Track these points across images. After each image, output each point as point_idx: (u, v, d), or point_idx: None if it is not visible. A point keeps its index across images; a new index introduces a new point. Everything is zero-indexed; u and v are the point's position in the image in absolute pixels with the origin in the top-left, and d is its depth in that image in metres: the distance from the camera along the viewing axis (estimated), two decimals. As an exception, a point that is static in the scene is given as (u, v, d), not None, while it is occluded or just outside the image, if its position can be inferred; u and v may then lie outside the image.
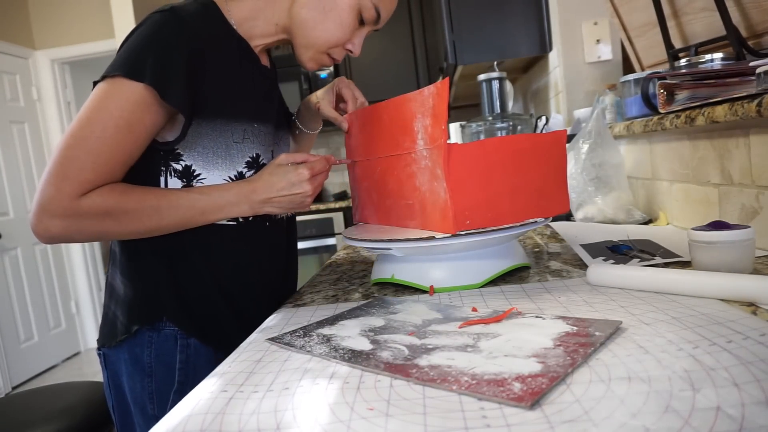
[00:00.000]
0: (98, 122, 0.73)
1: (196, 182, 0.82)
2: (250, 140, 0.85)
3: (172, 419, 0.44)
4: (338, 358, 0.52)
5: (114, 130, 0.73)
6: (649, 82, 1.14)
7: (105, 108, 0.73)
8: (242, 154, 0.84)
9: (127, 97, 0.74)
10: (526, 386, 0.41)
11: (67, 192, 0.71)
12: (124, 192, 0.76)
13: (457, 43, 2.02)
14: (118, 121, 0.73)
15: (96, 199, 0.73)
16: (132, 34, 0.78)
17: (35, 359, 3.56)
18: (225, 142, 0.82)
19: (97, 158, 0.73)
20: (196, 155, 0.81)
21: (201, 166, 0.81)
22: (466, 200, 0.69)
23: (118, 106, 0.74)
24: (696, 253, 0.67)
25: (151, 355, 0.83)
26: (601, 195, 1.22)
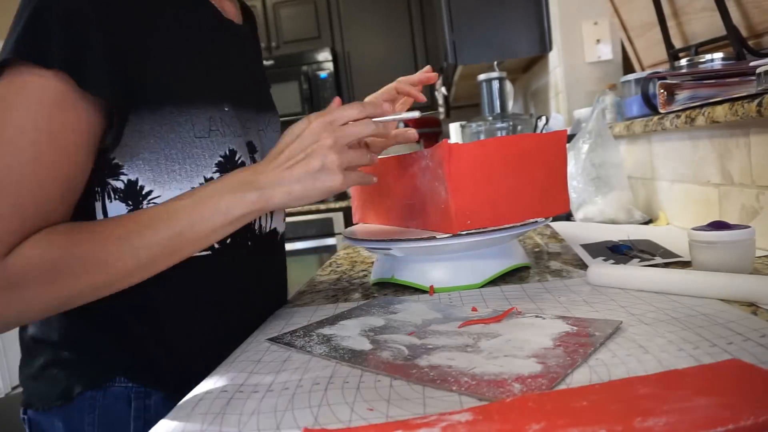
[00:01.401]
0: (6, 144, 0.49)
1: (147, 203, 0.57)
2: (220, 132, 0.62)
3: (172, 419, 0.44)
4: (338, 358, 0.52)
5: (31, 151, 0.50)
6: (649, 82, 1.14)
7: (9, 121, 0.49)
8: (209, 152, 0.60)
9: (37, 97, 0.50)
10: (526, 387, 0.41)
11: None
12: (70, 232, 0.52)
13: (457, 43, 2.01)
14: (35, 134, 0.50)
15: (30, 253, 0.49)
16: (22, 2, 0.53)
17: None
18: (181, 138, 0.58)
19: (18, 198, 0.49)
20: (141, 164, 0.57)
21: (150, 179, 0.57)
22: (466, 200, 0.69)
23: (26, 112, 0.50)
24: (696, 253, 0.67)
25: (95, 424, 0.61)
26: (601, 195, 1.22)
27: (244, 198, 0.55)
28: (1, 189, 0.49)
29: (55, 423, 0.63)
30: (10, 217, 0.49)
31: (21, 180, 0.50)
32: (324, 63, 3.54)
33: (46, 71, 0.50)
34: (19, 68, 0.50)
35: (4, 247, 0.49)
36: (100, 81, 0.52)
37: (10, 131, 0.49)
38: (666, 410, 0.33)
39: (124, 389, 0.62)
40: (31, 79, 0.50)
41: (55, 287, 0.50)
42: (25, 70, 0.50)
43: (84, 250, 0.51)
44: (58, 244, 0.51)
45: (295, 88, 3.54)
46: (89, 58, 0.51)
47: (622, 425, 0.32)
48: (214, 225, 0.55)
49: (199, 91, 0.61)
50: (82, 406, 0.62)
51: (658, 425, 0.31)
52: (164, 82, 0.58)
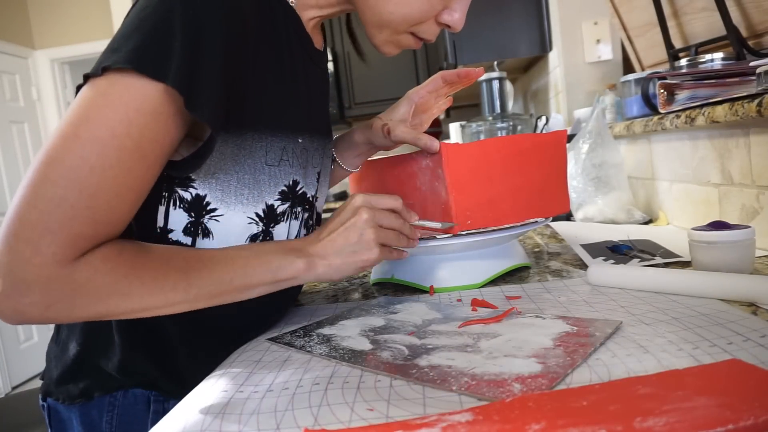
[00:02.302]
0: (93, 143, 0.47)
1: (209, 219, 0.59)
2: (289, 162, 0.63)
3: (172, 419, 0.44)
4: (338, 358, 0.52)
5: (117, 155, 0.48)
6: (649, 82, 1.14)
7: (103, 121, 0.48)
8: (275, 181, 0.61)
9: (137, 104, 0.48)
10: (526, 387, 0.41)
11: (51, 253, 0.46)
12: (139, 253, 0.52)
13: (457, 43, 2.01)
14: (124, 140, 0.48)
15: (99, 267, 0.48)
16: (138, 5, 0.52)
17: (35, 359, 3.56)
18: (255, 165, 0.59)
19: (94, 201, 0.48)
20: (214, 183, 0.58)
21: (218, 199, 0.58)
22: (466, 200, 0.69)
23: (123, 117, 0.48)
24: (696, 253, 0.67)
25: (113, 423, 0.62)
26: (601, 195, 1.22)
27: (293, 263, 0.57)
28: (79, 188, 0.47)
29: (72, 415, 0.64)
30: (84, 220, 0.47)
31: (100, 183, 0.48)
32: (324, 63, 3.53)
33: (156, 83, 0.48)
34: (130, 74, 0.48)
35: (74, 251, 0.47)
36: (207, 106, 0.50)
37: (102, 131, 0.48)
38: (666, 410, 0.33)
39: (145, 391, 0.63)
40: (138, 86, 0.48)
41: (106, 303, 0.49)
42: (135, 77, 0.48)
43: (147, 274, 0.51)
44: (127, 264, 0.50)
45: (295, 88, 3.53)
46: (202, 81, 0.50)
47: (622, 425, 0.32)
48: (261, 280, 0.56)
49: (281, 122, 0.61)
50: (102, 404, 0.63)
51: (658, 425, 0.31)
52: (257, 110, 0.58)
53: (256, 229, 0.62)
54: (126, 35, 0.49)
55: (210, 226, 0.59)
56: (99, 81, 0.49)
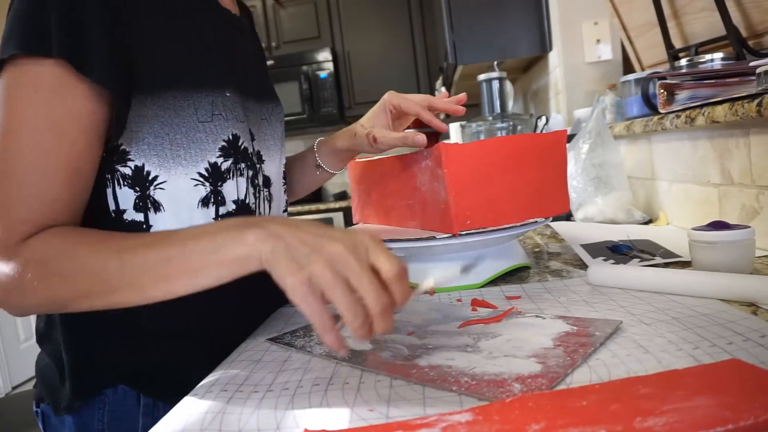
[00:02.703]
0: (9, 133, 0.50)
1: (154, 189, 0.58)
2: (222, 116, 0.62)
3: (172, 419, 0.44)
4: (338, 358, 0.52)
5: (32, 138, 0.50)
6: (649, 82, 1.14)
7: (9, 111, 0.51)
8: (213, 137, 0.61)
9: (34, 85, 0.51)
10: (526, 387, 0.41)
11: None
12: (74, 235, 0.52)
13: (457, 43, 2.02)
14: (34, 122, 0.51)
15: (35, 246, 0.51)
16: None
17: (35, 359, 3.55)
18: (185, 123, 0.59)
19: (23, 187, 0.50)
20: (147, 149, 0.58)
21: (156, 164, 0.58)
22: (466, 200, 0.69)
23: (25, 102, 0.51)
24: (696, 253, 0.67)
25: (105, 420, 0.62)
26: (601, 195, 1.22)
27: (240, 236, 0.46)
28: (7, 178, 0.51)
29: (65, 419, 0.64)
30: (18, 205, 0.50)
31: (24, 168, 0.51)
32: (324, 63, 3.54)
33: (45, 59, 0.51)
34: (21, 60, 0.51)
35: (17, 235, 0.50)
36: (99, 67, 0.52)
37: (12, 120, 0.51)
38: (666, 410, 0.33)
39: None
40: (29, 68, 0.51)
41: (47, 285, 0.50)
42: (25, 61, 0.51)
43: (79, 255, 0.50)
44: (62, 244, 0.51)
45: (295, 88, 3.54)
46: (89, 45, 0.52)
47: (622, 425, 0.32)
48: (203, 261, 0.47)
49: (201, 77, 0.61)
50: (92, 404, 0.63)
51: (658, 425, 0.31)
52: (166, 68, 0.59)
53: (204, 191, 0.61)
54: (10, 26, 0.52)
55: (157, 197, 0.59)
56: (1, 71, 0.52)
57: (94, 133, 0.54)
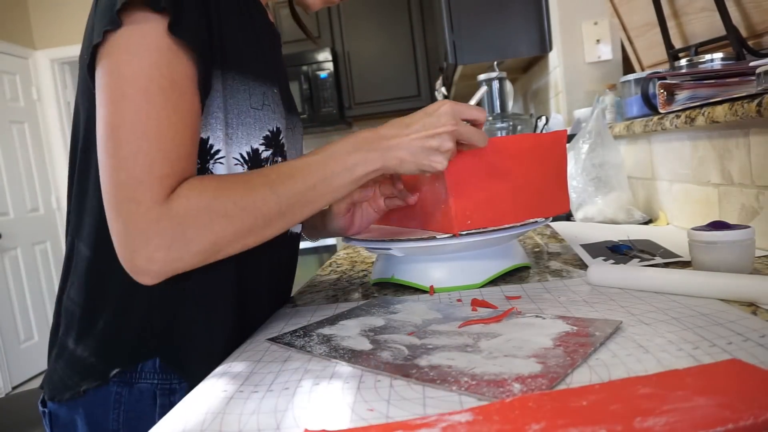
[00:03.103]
0: (138, 94, 0.52)
1: (213, 163, 0.61)
2: (271, 108, 0.65)
3: (172, 419, 0.44)
4: (338, 358, 0.52)
5: (162, 97, 0.53)
6: (649, 82, 1.14)
7: (137, 72, 0.52)
8: (260, 124, 0.64)
9: (156, 45, 0.53)
10: (526, 387, 0.41)
11: (149, 198, 0.52)
12: (221, 179, 0.57)
13: (457, 43, 2.01)
14: (161, 81, 0.53)
15: (189, 194, 0.53)
16: None
17: (35, 359, 3.56)
18: (238, 105, 0.62)
19: (162, 143, 0.53)
20: (214, 123, 0.60)
21: (219, 139, 0.60)
22: (466, 200, 0.69)
23: (150, 61, 0.53)
24: (696, 253, 0.67)
25: (119, 420, 0.62)
26: (601, 195, 1.22)
27: (367, 157, 0.60)
28: (146, 136, 0.52)
29: (75, 417, 0.63)
30: (162, 162, 0.52)
31: (159, 125, 0.53)
32: (324, 63, 3.54)
33: (157, 15, 0.53)
34: (135, 14, 0.53)
35: (164, 189, 0.53)
36: (190, 29, 0.54)
37: (141, 82, 0.52)
38: (666, 410, 0.33)
39: (150, 386, 0.63)
40: (148, 28, 0.53)
41: (211, 228, 0.54)
42: (141, 16, 0.53)
43: (235, 194, 0.55)
44: (212, 188, 0.55)
45: (295, 88, 3.54)
46: (186, 7, 0.54)
47: (622, 425, 0.32)
48: (342, 181, 0.60)
49: (258, 68, 0.64)
50: (107, 399, 0.62)
51: (658, 425, 0.31)
52: (233, 51, 0.61)
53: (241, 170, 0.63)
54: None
55: (215, 170, 0.62)
56: (117, 35, 0.53)
57: (203, 91, 0.58)
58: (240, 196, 0.55)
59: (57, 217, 3.93)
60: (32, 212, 3.70)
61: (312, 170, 0.58)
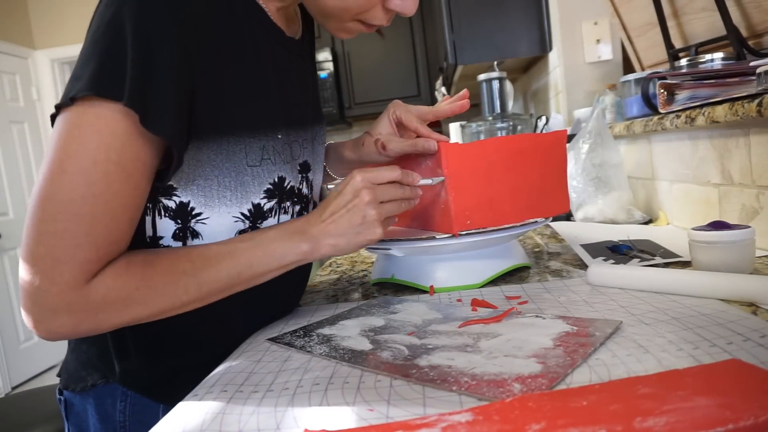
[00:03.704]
0: (79, 174, 0.50)
1: (195, 223, 0.60)
2: (271, 160, 0.63)
3: (172, 419, 0.44)
4: (338, 358, 0.52)
5: (104, 182, 0.51)
6: (649, 82, 1.14)
7: (83, 151, 0.50)
8: (259, 180, 0.62)
9: (109, 129, 0.51)
10: (526, 387, 0.41)
11: (64, 282, 0.50)
12: (147, 264, 0.55)
13: (457, 43, 2.01)
14: (107, 165, 0.51)
15: (111, 284, 0.52)
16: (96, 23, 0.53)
17: (35, 359, 3.56)
18: (235, 168, 0.60)
19: (92, 227, 0.51)
20: (195, 189, 0.59)
21: (202, 203, 0.59)
22: (466, 200, 0.69)
23: (99, 143, 0.50)
24: (696, 253, 0.67)
25: (126, 412, 0.64)
26: (601, 195, 1.22)
27: (298, 247, 0.60)
28: (76, 219, 0.50)
29: (86, 406, 0.65)
30: (87, 246, 0.51)
31: (94, 210, 0.51)
32: (324, 63, 3.54)
33: (116, 104, 0.50)
34: (92, 100, 0.50)
35: (85, 275, 0.51)
36: (162, 119, 0.52)
37: (83, 162, 0.50)
38: (666, 410, 0.33)
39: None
40: (104, 113, 0.51)
41: (127, 313, 0.54)
42: (97, 102, 0.50)
43: (157, 282, 0.55)
44: (136, 278, 0.54)
45: (295, 88, 3.53)
46: (158, 96, 0.52)
47: (622, 425, 0.32)
48: (268, 268, 0.59)
49: (256, 121, 0.62)
50: (115, 393, 0.64)
51: (658, 425, 0.31)
52: (226, 115, 0.59)
53: (243, 226, 0.63)
54: (84, 61, 0.52)
55: (197, 228, 0.61)
56: (70, 112, 0.51)
57: (151, 175, 0.56)
58: (162, 285, 0.55)
59: (57, 217, 3.93)
60: (32, 212, 3.70)
61: (238, 258, 0.58)
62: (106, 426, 0.64)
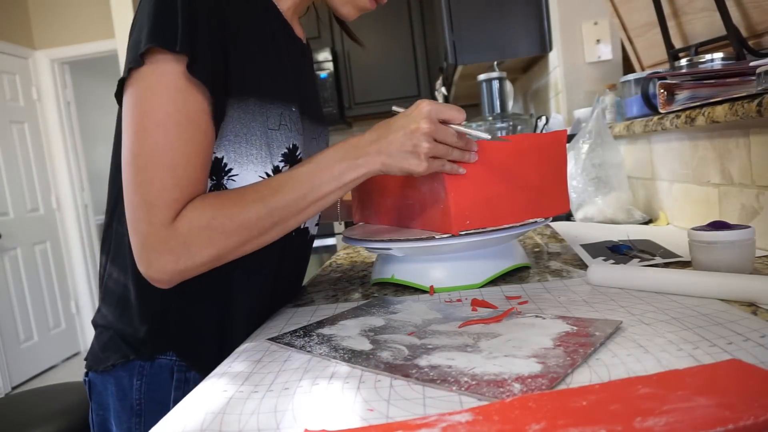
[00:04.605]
0: (156, 128, 0.59)
1: (227, 180, 0.66)
2: (288, 127, 0.70)
3: (172, 419, 0.44)
4: (338, 358, 0.52)
5: (177, 131, 0.60)
6: (649, 82, 1.14)
7: (156, 108, 0.59)
8: (278, 143, 0.69)
9: (174, 84, 0.60)
10: (526, 387, 0.41)
11: (158, 221, 0.59)
12: (218, 197, 0.63)
13: (457, 43, 2.01)
14: (178, 116, 0.60)
15: (191, 216, 0.60)
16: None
17: (35, 359, 3.56)
18: (260, 127, 0.67)
19: (174, 171, 0.60)
20: (227, 144, 0.66)
21: (233, 159, 0.66)
22: (466, 200, 0.69)
23: (168, 98, 0.59)
24: (696, 253, 0.67)
25: (141, 390, 0.70)
26: (601, 195, 1.22)
27: (354, 163, 0.64)
28: (161, 166, 0.59)
29: (108, 385, 0.71)
30: (172, 188, 0.60)
31: (174, 156, 0.60)
32: (324, 63, 3.54)
33: (173, 55, 0.59)
34: (156, 56, 0.59)
35: (172, 213, 0.60)
36: (206, 71, 0.60)
37: (159, 116, 0.59)
38: (666, 410, 0.33)
39: (169, 362, 0.70)
40: (167, 69, 0.59)
41: (212, 243, 0.61)
42: (161, 57, 0.59)
43: (231, 211, 0.61)
44: (210, 208, 0.61)
45: (295, 88, 3.53)
46: (200, 48, 0.60)
47: (622, 425, 0.32)
48: (330, 188, 0.64)
49: (276, 90, 0.69)
50: (132, 372, 0.70)
51: (658, 425, 0.31)
52: (251, 79, 0.67)
53: None
54: (141, 24, 0.60)
55: (228, 185, 0.67)
56: (139, 74, 0.60)
57: (213, 122, 0.63)
58: (236, 213, 0.61)
59: (57, 217, 3.93)
60: (32, 212, 3.70)
61: (301, 181, 0.63)
62: (123, 404, 0.70)
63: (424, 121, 0.62)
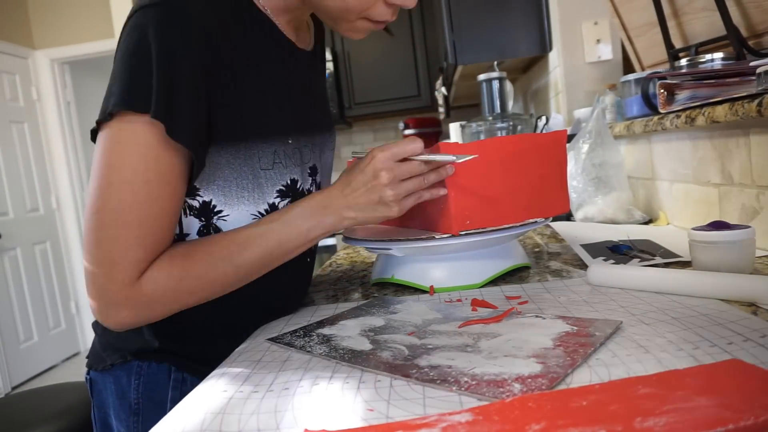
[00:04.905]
0: (123, 185, 0.57)
1: (217, 219, 0.66)
2: (282, 164, 0.68)
3: (172, 419, 0.44)
4: (338, 358, 0.52)
5: (145, 190, 0.58)
6: (650, 82, 1.14)
7: (125, 164, 0.57)
8: (272, 182, 0.68)
9: (145, 141, 0.57)
10: (526, 387, 0.41)
11: (120, 280, 0.58)
12: (186, 256, 0.62)
13: (457, 43, 2.01)
14: (147, 174, 0.58)
15: (158, 277, 0.59)
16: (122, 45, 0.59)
17: (35, 359, 3.56)
18: (251, 170, 0.66)
19: (140, 230, 0.58)
20: (216, 189, 0.65)
21: (222, 202, 0.66)
22: (466, 200, 0.69)
23: (138, 155, 0.57)
24: (696, 253, 0.67)
25: (139, 389, 0.70)
26: (601, 195, 1.22)
27: (322, 221, 0.65)
28: (126, 224, 0.58)
29: (107, 383, 0.72)
30: (137, 248, 0.58)
31: (140, 215, 0.58)
32: (324, 63, 3.53)
33: (146, 117, 0.56)
34: (126, 116, 0.57)
35: (136, 272, 0.59)
36: (186, 130, 0.58)
37: (126, 173, 0.57)
38: (666, 410, 0.33)
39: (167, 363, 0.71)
40: (138, 127, 0.57)
41: (177, 301, 0.61)
42: (132, 117, 0.57)
43: (199, 271, 0.61)
44: (178, 269, 0.61)
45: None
46: (181, 108, 0.57)
47: (622, 425, 0.32)
48: (297, 244, 0.65)
49: (270, 128, 0.67)
50: (130, 372, 0.71)
51: (658, 425, 0.31)
52: (242, 123, 0.65)
53: None
54: (116, 80, 0.58)
55: (220, 225, 0.67)
56: (109, 128, 0.58)
57: (185, 179, 0.62)
58: (203, 273, 0.61)
59: (57, 217, 3.93)
60: (32, 212, 3.70)
61: (269, 239, 0.64)
62: (122, 402, 0.71)
63: (383, 173, 0.63)
